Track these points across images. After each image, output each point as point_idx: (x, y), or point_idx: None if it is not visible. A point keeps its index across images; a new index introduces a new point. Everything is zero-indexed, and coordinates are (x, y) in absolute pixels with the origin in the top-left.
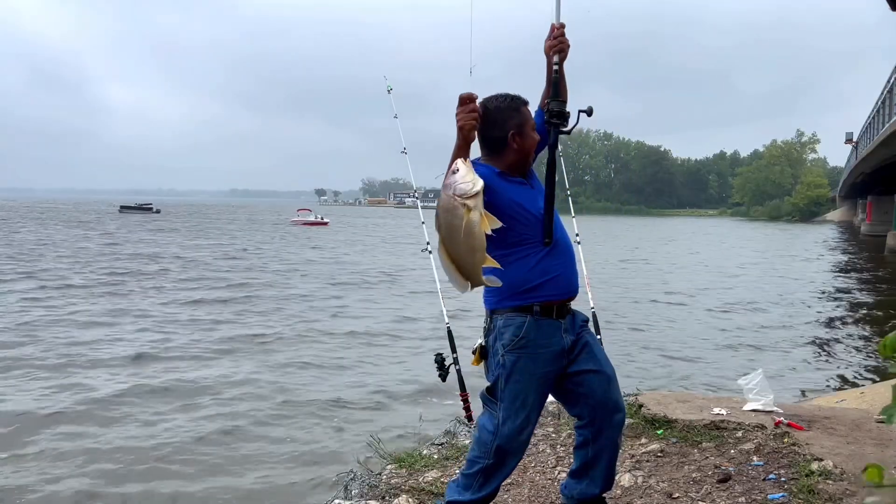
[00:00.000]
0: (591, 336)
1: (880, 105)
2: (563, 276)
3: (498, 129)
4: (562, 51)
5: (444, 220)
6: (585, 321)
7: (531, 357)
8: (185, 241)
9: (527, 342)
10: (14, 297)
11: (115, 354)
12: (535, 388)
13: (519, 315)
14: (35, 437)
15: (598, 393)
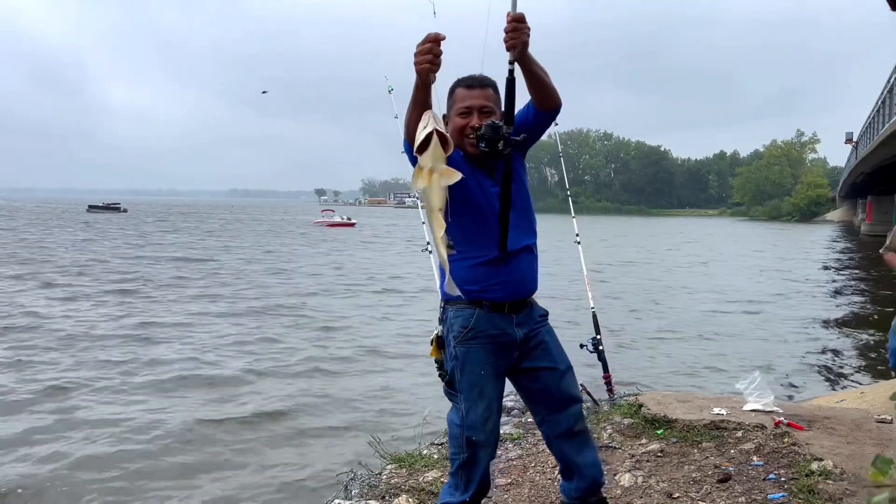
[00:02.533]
0: (547, 332)
1: (880, 105)
2: (514, 280)
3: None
4: (514, 46)
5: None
6: (544, 315)
7: (481, 347)
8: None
9: (475, 333)
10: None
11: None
12: (489, 378)
13: (468, 307)
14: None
15: (551, 387)
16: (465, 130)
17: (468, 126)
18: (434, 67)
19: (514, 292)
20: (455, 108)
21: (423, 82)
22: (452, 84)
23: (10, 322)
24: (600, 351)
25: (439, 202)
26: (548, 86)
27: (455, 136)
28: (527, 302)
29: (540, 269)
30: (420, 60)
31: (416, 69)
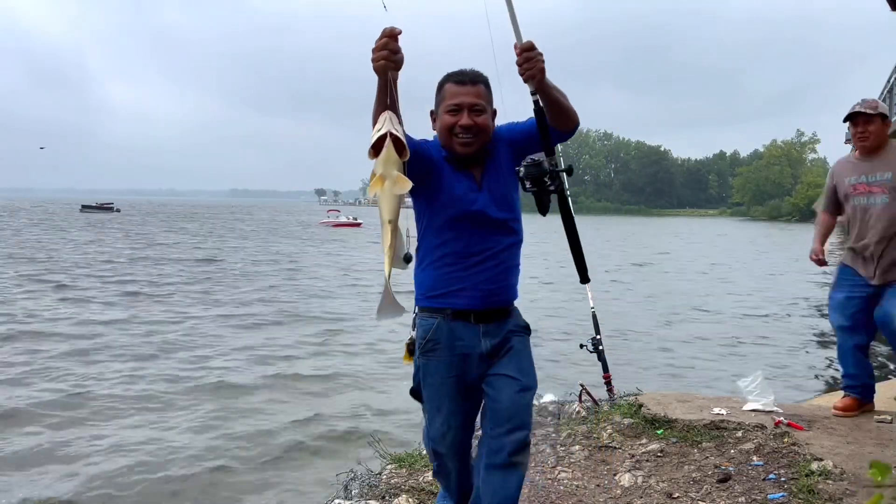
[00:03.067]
0: (520, 342)
1: None
2: (485, 287)
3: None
4: (532, 77)
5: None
6: (520, 327)
7: (439, 361)
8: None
9: (434, 345)
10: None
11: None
12: (447, 393)
13: (431, 316)
14: None
15: (504, 398)
16: (454, 129)
17: (457, 125)
18: (390, 64)
19: (483, 300)
20: (444, 104)
21: (382, 80)
22: (442, 78)
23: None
24: (600, 351)
25: (389, 212)
26: (567, 109)
27: (443, 134)
28: (500, 312)
29: (539, 269)
30: (376, 57)
31: (372, 66)
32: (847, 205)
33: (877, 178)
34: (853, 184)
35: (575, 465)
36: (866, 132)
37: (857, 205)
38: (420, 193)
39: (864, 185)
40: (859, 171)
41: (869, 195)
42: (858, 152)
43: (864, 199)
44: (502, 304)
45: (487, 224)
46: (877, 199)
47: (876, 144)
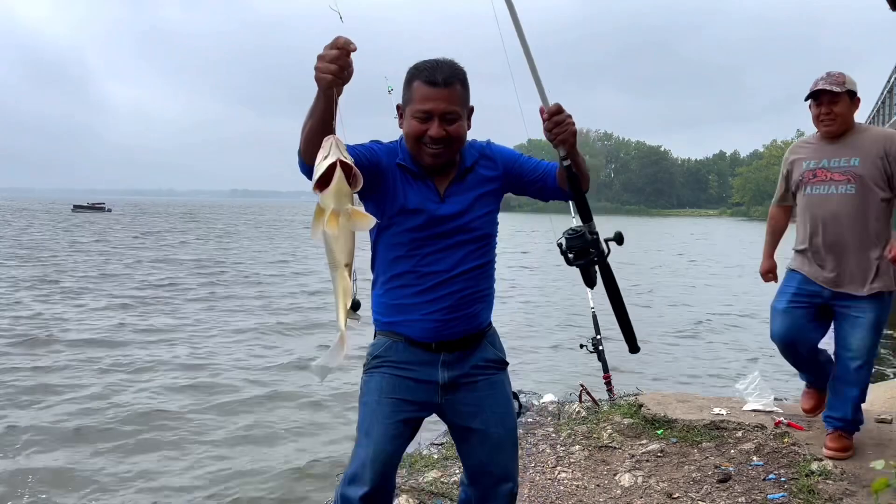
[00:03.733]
0: (491, 383)
1: (880, 105)
2: (441, 318)
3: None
4: (564, 142)
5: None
6: (492, 362)
7: (382, 377)
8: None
9: (382, 361)
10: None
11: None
12: (382, 416)
13: (386, 337)
14: None
15: (479, 456)
16: (423, 138)
17: (426, 134)
18: (338, 81)
19: (438, 331)
20: (412, 107)
21: (323, 96)
22: (410, 71)
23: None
24: (600, 351)
25: (345, 254)
26: (585, 173)
27: (410, 141)
28: (466, 342)
29: (538, 270)
30: (323, 69)
31: (315, 77)
32: (800, 195)
33: (840, 163)
34: (811, 169)
35: (575, 465)
36: (831, 113)
37: (814, 195)
38: (369, 202)
39: (825, 170)
40: (820, 154)
41: (829, 183)
42: (823, 136)
43: (824, 188)
44: (466, 334)
45: (449, 240)
46: (839, 188)
47: (842, 129)
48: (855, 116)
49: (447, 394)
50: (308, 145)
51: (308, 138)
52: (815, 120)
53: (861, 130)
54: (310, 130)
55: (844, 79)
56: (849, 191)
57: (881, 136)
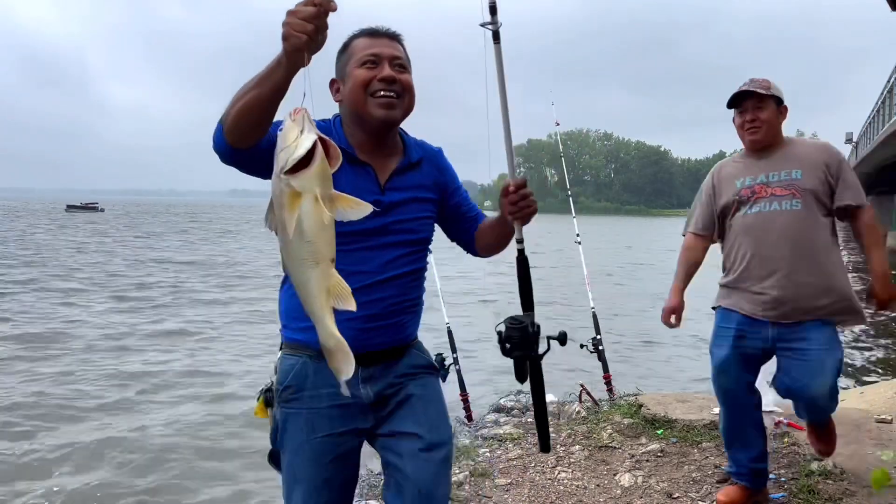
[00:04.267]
0: (421, 384)
1: (880, 105)
2: (362, 325)
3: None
4: (526, 218)
5: (276, 216)
6: (419, 367)
7: (298, 414)
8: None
9: (295, 393)
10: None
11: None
12: (310, 458)
13: (294, 353)
14: None
15: (409, 466)
16: (372, 85)
17: (375, 79)
18: (311, 42)
19: (359, 340)
20: (356, 58)
21: (290, 60)
22: (343, 43)
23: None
24: (600, 351)
25: (331, 248)
26: (500, 249)
27: (354, 96)
28: (389, 353)
29: (538, 271)
30: (295, 26)
31: (284, 35)
32: (735, 219)
33: (781, 176)
34: (749, 186)
35: (575, 465)
36: (757, 120)
37: (753, 214)
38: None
39: (764, 186)
40: (755, 169)
41: (771, 199)
42: (747, 148)
43: (765, 205)
44: (389, 346)
45: (383, 238)
46: (783, 203)
47: (769, 138)
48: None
49: (377, 412)
50: (245, 119)
51: (247, 110)
52: (738, 130)
53: (794, 142)
54: (254, 102)
55: (770, 84)
56: (794, 206)
57: (819, 147)
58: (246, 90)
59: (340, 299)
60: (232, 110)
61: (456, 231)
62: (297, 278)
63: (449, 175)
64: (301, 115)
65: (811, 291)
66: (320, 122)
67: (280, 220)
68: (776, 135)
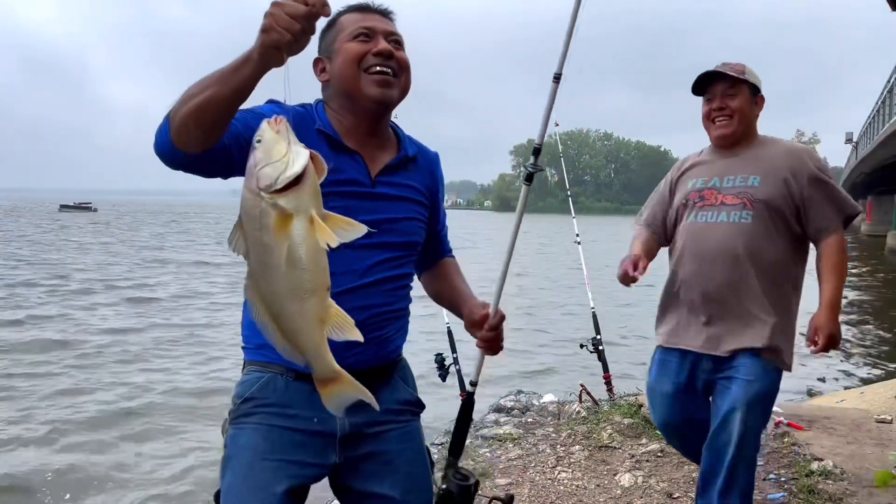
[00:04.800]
0: (403, 435)
1: (880, 105)
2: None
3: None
4: (494, 352)
5: (252, 238)
6: (407, 404)
7: (257, 430)
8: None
9: (256, 406)
10: None
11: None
12: (255, 484)
13: (261, 370)
14: None
15: None
16: (366, 60)
17: (370, 53)
18: (293, 46)
19: (345, 356)
20: (347, 31)
21: (264, 58)
22: (329, 19)
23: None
24: (600, 351)
25: (327, 275)
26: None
27: (346, 72)
28: (374, 374)
29: (539, 270)
30: (282, 23)
31: (265, 27)
32: (681, 226)
33: (736, 181)
34: (699, 189)
35: (575, 465)
36: (727, 109)
37: (697, 223)
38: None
39: (714, 191)
40: (712, 170)
41: (718, 208)
42: (713, 143)
43: (711, 215)
44: (374, 363)
45: (368, 238)
46: (730, 214)
47: (740, 132)
48: (759, 126)
49: (347, 449)
50: (198, 120)
51: (202, 110)
52: (704, 121)
53: (767, 142)
54: (211, 101)
55: (745, 68)
56: (743, 219)
57: (792, 150)
58: (203, 86)
59: (341, 330)
60: (183, 109)
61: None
62: (285, 310)
63: (440, 186)
64: (284, 126)
65: (750, 325)
66: (298, 106)
67: (259, 245)
68: (748, 129)
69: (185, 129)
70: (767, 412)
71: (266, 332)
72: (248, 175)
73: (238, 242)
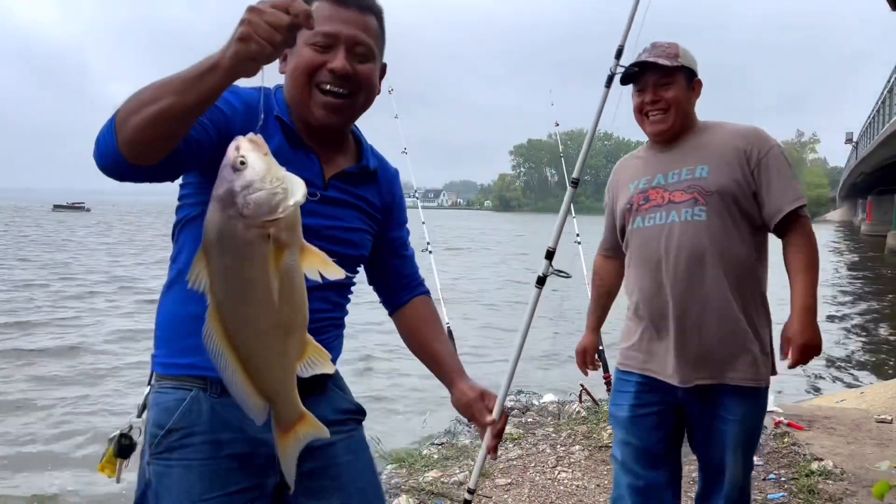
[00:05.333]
0: (352, 453)
1: (880, 105)
2: None
3: None
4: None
5: (226, 270)
6: (347, 413)
7: (188, 471)
8: None
9: (182, 439)
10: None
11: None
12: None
13: (181, 386)
14: None
15: None
16: (318, 75)
17: (324, 68)
18: (272, 56)
19: None
20: (308, 34)
21: (236, 67)
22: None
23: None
24: (600, 351)
25: (305, 312)
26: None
27: (296, 81)
28: (310, 384)
29: (537, 270)
30: (262, 32)
31: (243, 36)
32: (627, 236)
33: (682, 175)
34: (642, 191)
35: (575, 465)
36: (662, 101)
37: (646, 228)
38: (197, 173)
39: (661, 190)
40: (652, 167)
41: (668, 208)
42: (650, 140)
43: (660, 216)
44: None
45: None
46: (682, 213)
47: (678, 125)
48: (697, 111)
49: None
50: (154, 131)
51: (159, 120)
52: (636, 115)
53: (710, 128)
54: (170, 111)
55: (678, 50)
56: (697, 216)
57: (738, 131)
58: (160, 94)
59: (314, 366)
60: (136, 119)
61: (381, 276)
62: (262, 350)
63: (398, 204)
64: (260, 141)
65: (723, 341)
66: (253, 89)
67: (237, 279)
68: (686, 119)
69: (140, 140)
70: (758, 435)
71: (226, 374)
72: (226, 199)
73: (198, 274)
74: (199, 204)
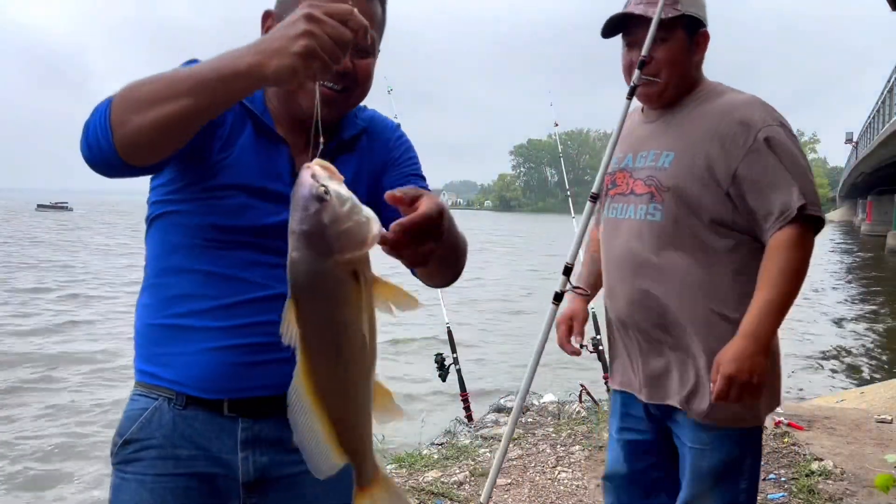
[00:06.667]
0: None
1: (880, 105)
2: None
3: None
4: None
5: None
6: None
7: (142, 486)
8: None
9: (139, 450)
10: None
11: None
12: None
13: (148, 394)
14: None
15: None
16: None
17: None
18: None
19: (243, 377)
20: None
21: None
22: None
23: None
24: (600, 351)
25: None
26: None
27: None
28: (276, 403)
29: (539, 269)
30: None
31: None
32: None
33: (648, 160)
34: (611, 172)
35: (575, 465)
36: (653, 62)
37: (607, 219)
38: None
39: (626, 174)
40: (629, 141)
41: (627, 199)
42: (645, 106)
43: (619, 209)
44: (276, 391)
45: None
46: (637, 209)
47: (673, 88)
48: (704, 69)
49: (253, 495)
50: (172, 135)
51: (171, 124)
52: (625, 74)
53: (709, 96)
54: (183, 115)
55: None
56: (650, 215)
57: (729, 108)
58: (168, 94)
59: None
60: (137, 119)
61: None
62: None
63: (401, 151)
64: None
65: (681, 367)
66: None
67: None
68: (684, 80)
69: (144, 143)
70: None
71: (310, 433)
72: (314, 235)
73: (291, 327)
74: (168, 201)
